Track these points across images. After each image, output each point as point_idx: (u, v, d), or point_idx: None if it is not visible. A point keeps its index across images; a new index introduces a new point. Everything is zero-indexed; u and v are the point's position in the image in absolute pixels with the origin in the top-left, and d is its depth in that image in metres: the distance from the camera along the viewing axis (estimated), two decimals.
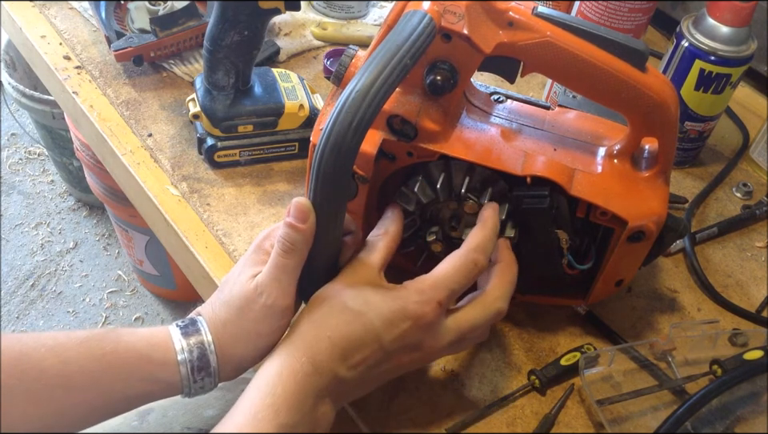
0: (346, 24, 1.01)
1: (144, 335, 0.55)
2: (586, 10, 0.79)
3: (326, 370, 0.52)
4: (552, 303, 0.69)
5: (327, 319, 0.54)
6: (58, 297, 1.76)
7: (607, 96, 0.58)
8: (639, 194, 0.61)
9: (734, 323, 0.72)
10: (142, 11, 0.91)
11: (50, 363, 0.51)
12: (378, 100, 0.48)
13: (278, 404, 0.49)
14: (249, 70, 0.76)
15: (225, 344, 0.55)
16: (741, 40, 0.77)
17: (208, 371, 0.54)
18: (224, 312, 0.55)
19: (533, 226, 0.61)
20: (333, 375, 0.52)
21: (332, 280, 0.56)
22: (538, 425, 0.62)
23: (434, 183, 0.61)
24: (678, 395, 0.65)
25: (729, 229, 0.81)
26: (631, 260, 0.64)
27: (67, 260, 1.84)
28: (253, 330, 0.55)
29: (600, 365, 0.66)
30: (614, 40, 0.56)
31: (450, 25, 0.54)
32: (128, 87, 0.87)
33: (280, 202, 0.77)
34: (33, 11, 0.97)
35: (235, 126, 0.77)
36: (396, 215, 0.61)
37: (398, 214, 0.61)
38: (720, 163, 0.90)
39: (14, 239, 1.87)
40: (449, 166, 0.60)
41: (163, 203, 0.76)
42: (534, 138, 0.62)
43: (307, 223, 0.52)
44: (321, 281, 0.56)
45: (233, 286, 0.56)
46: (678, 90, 0.80)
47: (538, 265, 0.64)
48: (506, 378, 0.65)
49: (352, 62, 0.59)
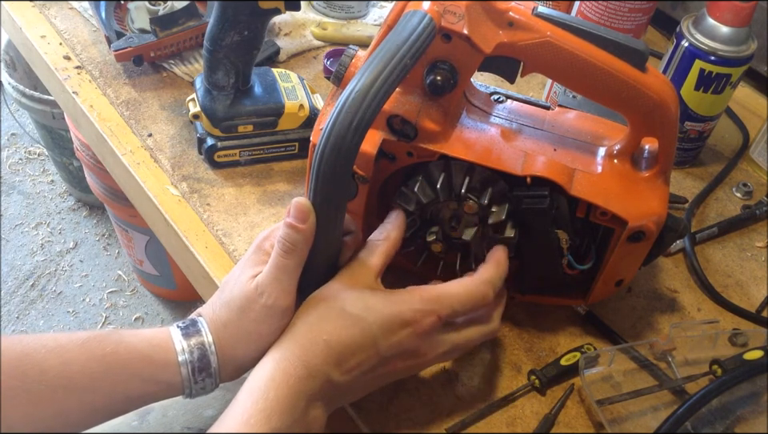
0: (346, 24, 1.01)
1: (145, 336, 0.55)
2: (586, 10, 0.79)
3: (320, 374, 0.52)
4: (552, 303, 0.69)
5: (324, 322, 0.54)
6: (58, 297, 1.76)
7: (607, 96, 0.58)
8: (639, 194, 0.61)
9: (734, 323, 0.72)
10: (141, 11, 0.91)
11: (51, 364, 0.51)
12: (378, 100, 0.48)
13: (270, 409, 0.49)
14: (249, 70, 0.76)
15: (226, 345, 0.55)
16: (741, 40, 0.77)
17: (209, 372, 0.54)
18: (224, 313, 0.55)
19: (533, 226, 0.61)
20: (326, 379, 0.52)
21: (329, 281, 0.56)
22: (538, 425, 0.62)
23: (434, 183, 0.61)
24: (678, 395, 0.65)
25: (729, 229, 0.81)
26: (631, 260, 0.64)
27: (67, 260, 1.84)
28: (253, 330, 0.55)
29: (600, 365, 0.66)
30: (613, 40, 0.56)
31: (449, 25, 0.54)
32: (128, 87, 0.87)
33: (280, 202, 0.77)
34: (33, 11, 0.97)
35: (235, 126, 0.77)
36: (399, 221, 0.61)
37: (400, 219, 0.61)
38: (720, 163, 0.90)
39: (13, 239, 1.87)
40: (449, 166, 0.60)
41: (163, 203, 0.76)
42: (533, 138, 0.62)
43: (307, 223, 0.52)
44: (321, 281, 0.56)
45: (233, 287, 0.56)
46: (678, 90, 0.80)
47: (538, 265, 0.64)
48: (505, 378, 0.65)
49: (352, 62, 0.59)
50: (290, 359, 0.52)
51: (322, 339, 0.52)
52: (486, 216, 0.61)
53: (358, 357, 0.53)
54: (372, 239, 0.59)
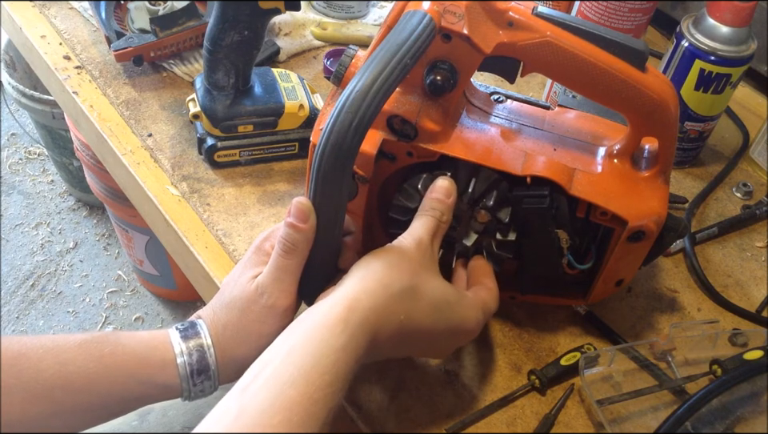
0: (346, 24, 1.01)
1: (143, 337, 0.55)
2: (586, 10, 0.79)
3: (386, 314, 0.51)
4: (552, 303, 0.69)
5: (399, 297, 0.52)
6: (58, 297, 1.76)
7: (607, 96, 0.58)
8: (639, 194, 0.61)
9: (734, 323, 0.72)
10: (141, 11, 0.91)
11: (48, 364, 0.51)
12: (378, 100, 0.48)
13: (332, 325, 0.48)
14: (249, 70, 0.76)
15: (226, 347, 0.55)
16: (741, 40, 0.77)
17: (207, 375, 0.54)
18: (224, 314, 0.55)
19: (533, 226, 0.61)
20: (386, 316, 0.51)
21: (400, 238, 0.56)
22: (538, 425, 0.62)
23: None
24: (678, 395, 0.65)
25: (729, 229, 0.81)
26: (631, 260, 0.64)
27: (67, 260, 1.84)
28: (254, 331, 0.55)
29: (600, 365, 0.66)
30: (613, 40, 0.56)
31: (449, 25, 0.54)
32: (128, 87, 0.87)
33: (280, 202, 0.77)
34: (33, 11, 0.97)
35: (235, 126, 0.77)
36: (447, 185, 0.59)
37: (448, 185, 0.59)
38: (720, 163, 0.90)
39: (14, 239, 1.87)
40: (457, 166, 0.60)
41: (163, 203, 0.76)
42: (533, 138, 0.62)
43: (308, 223, 0.52)
44: (321, 281, 0.56)
45: (233, 287, 0.56)
46: (678, 90, 0.80)
47: (538, 265, 0.64)
48: (505, 378, 0.65)
49: (352, 62, 0.59)
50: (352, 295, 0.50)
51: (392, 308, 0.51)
52: (494, 230, 0.61)
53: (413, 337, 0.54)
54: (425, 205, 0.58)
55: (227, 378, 0.56)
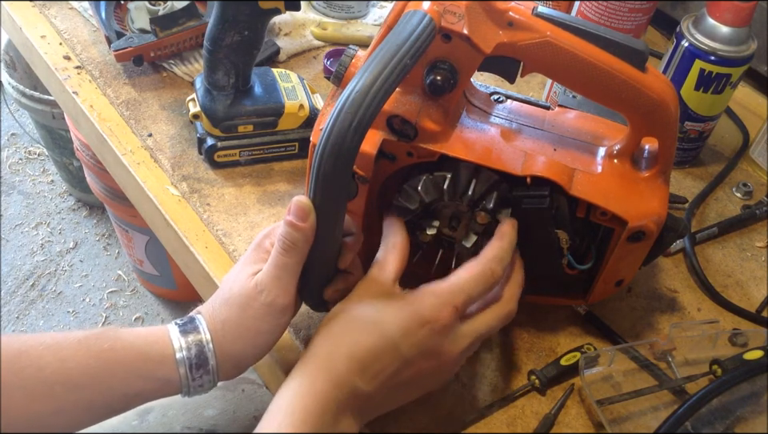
0: (345, 24, 1.01)
1: (142, 333, 0.55)
2: (586, 10, 0.79)
3: (345, 384, 0.52)
4: (552, 303, 0.69)
5: (343, 334, 0.54)
6: (58, 297, 1.76)
7: (607, 96, 0.58)
8: (639, 195, 0.61)
9: (734, 323, 0.72)
10: (141, 11, 0.91)
11: (48, 361, 0.51)
12: (378, 100, 0.48)
13: (299, 423, 0.49)
14: (249, 70, 0.76)
15: (224, 342, 0.55)
16: (741, 40, 0.77)
17: (206, 369, 0.54)
18: (224, 310, 0.56)
19: (533, 226, 0.61)
20: (352, 389, 0.52)
21: (344, 299, 0.56)
22: (538, 425, 0.62)
23: (438, 184, 0.60)
24: (678, 395, 0.65)
25: (729, 229, 0.81)
26: (631, 260, 0.64)
27: (67, 260, 1.84)
28: (253, 328, 0.55)
29: (600, 365, 0.66)
30: (613, 40, 0.56)
31: (449, 25, 0.54)
32: (128, 87, 0.87)
33: (280, 202, 0.77)
34: (33, 11, 0.97)
35: (235, 126, 0.77)
36: (396, 226, 0.60)
37: (397, 224, 0.60)
38: (720, 163, 0.90)
39: (13, 239, 1.87)
40: (457, 168, 0.60)
41: (163, 203, 0.76)
42: (533, 138, 0.62)
43: (307, 222, 0.52)
44: (321, 281, 0.56)
45: (233, 284, 0.56)
46: (678, 90, 0.80)
47: (538, 265, 0.64)
48: (505, 378, 0.65)
49: (352, 62, 0.59)
50: (313, 373, 0.52)
51: (342, 350, 0.52)
52: (494, 231, 0.61)
53: (380, 362, 0.53)
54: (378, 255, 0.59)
55: (226, 374, 0.56)
